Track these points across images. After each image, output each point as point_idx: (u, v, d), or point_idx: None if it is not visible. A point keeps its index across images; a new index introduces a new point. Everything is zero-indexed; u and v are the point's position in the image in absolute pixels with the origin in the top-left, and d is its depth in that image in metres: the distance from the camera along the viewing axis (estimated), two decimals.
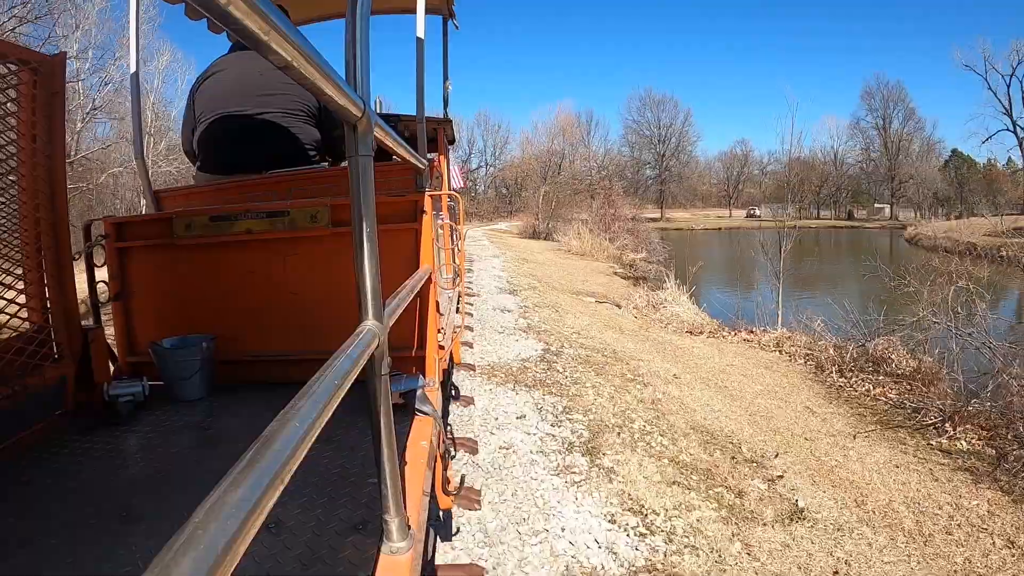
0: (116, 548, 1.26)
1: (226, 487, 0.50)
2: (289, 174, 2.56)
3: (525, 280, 11.92)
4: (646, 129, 76.40)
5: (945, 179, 65.68)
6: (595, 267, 19.70)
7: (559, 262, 19.61)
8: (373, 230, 1.10)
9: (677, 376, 5.80)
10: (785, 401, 5.75)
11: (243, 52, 2.64)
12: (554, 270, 16.47)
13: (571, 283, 13.90)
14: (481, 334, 6.64)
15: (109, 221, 2.34)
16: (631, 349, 6.77)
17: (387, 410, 1.14)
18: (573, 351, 6.01)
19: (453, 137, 3.97)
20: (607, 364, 5.65)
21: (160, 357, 2.15)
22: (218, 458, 1.64)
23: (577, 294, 11.92)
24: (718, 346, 8.16)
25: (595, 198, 44.12)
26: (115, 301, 2.32)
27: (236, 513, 0.47)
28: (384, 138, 1.33)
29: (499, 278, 11.85)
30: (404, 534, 1.19)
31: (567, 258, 21.83)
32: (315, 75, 0.80)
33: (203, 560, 0.41)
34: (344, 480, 1.51)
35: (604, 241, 25.20)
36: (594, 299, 11.40)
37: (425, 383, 1.89)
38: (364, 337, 1.01)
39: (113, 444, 1.80)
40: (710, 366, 6.84)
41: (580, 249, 24.14)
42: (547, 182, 55.01)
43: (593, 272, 18.01)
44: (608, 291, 13.33)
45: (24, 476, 1.59)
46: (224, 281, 2.33)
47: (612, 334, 7.66)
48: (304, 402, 0.70)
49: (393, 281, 1.57)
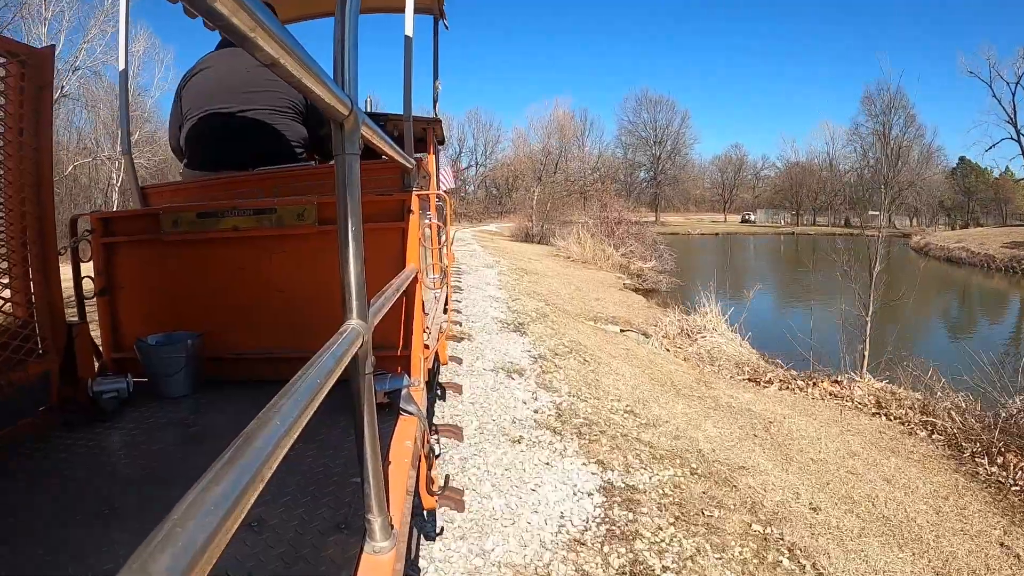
0: (99, 545, 1.25)
1: (206, 484, 0.50)
2: (276, 171, 2.55)
3: (531, 304, 9.46)
4: (642, 130, 75.03)
5: (952, 187, 64.72)
6: (602, 279, 17.64)
7: (562, 272, 17.43)
8: (359, 228, 1.10)
9: (816, 509, 3.70)
10: (972, 538, 3.75)
11: (232, 48, 2.62)
12: (559, 284, 14.11)
13: (584, 303, 11.67)
14: (478, 445, 3.58)
15: (95, 216, 2.33)
16: (716, 438, 4.67)
17: (371, 409, 1.14)
18: (648, 476, 3.43)
19: (443, 137, 3.96)
20: (712, 503, 3.28)
21: (145, 354, 2.13)
22: (203, 455, 1.63)
23: (596, 321, 9.88)
24: (805, 408, 6.21)
25: (588, 200, 43.31)
26: (100, 296, 2.31)
27: (215, 510, 0.47)
28: (371, 137, 1.32)
29: (497, 301, 9.26)
30: (387, 534, 1.19)
31: (569, 267, 19.65)
32: (302, 73, 0.80)
33: (181, 557, 0.41)
34: (327, 479, 1.50)
35: (607, 247, 23.13)
36: (617, 327, 9.55)
37: (410, 383, 1.89)
38: (348, 336, 1.01)
39: (96, 441, 1.78)
40: (826, 456, 4.81)
41: (581, 256, 22.31)
42: (541, 182, 53.39)
43: (602, 286, 15.95)
44: (629, 313, 11.41)
45: (6, 472, 1.58)
46: (210, 278, 2.32)
47: (672, 400, 5.59)
48: (286, 400, 0.70)
49: (379, 280, 1.56)
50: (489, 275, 13.22)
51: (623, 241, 24.05)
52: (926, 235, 46.81)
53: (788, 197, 74.42)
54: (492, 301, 9.31)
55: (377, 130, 1.40)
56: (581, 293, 13.31)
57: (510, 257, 19.39)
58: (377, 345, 1.38)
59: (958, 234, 43.82)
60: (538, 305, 9.56)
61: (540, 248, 27.00)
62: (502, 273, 13.81)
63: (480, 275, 13.28)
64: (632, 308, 12.42)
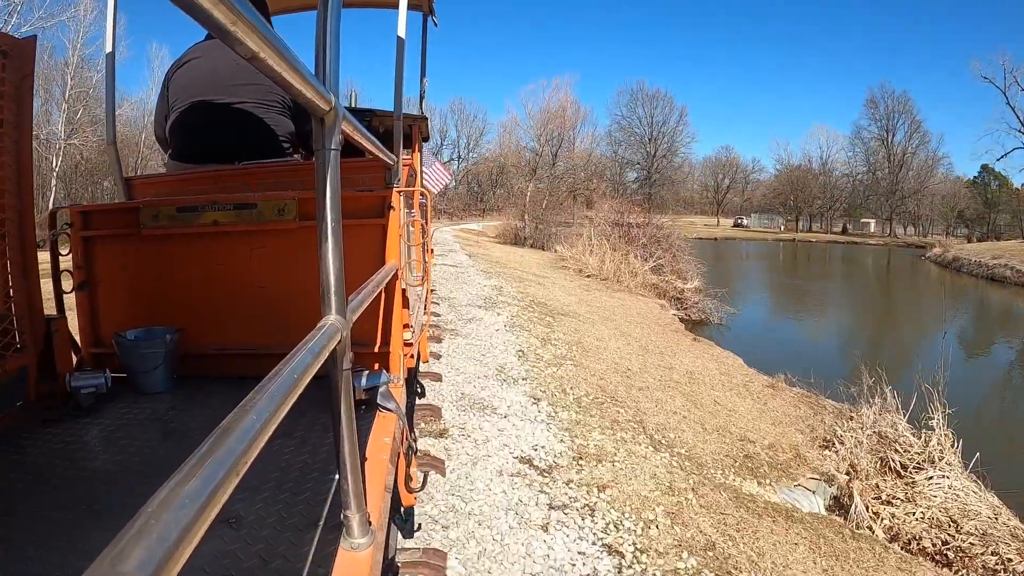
0: (75, 541, 1.25)
1: (180, 478, 0.50)
2: (261, 166, 2.54)
3: (584, 390, 5.50)
4: (636, 126, 70.16)
5: (972, 196, 61.91)
6: (647, 312, 12.65)
7: (589, 299, 12.48)
8: (338, 224, 1.10)
9: None
10: None
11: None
12: (606, 331, 8.94)
13: (702, 413, 6.07)
14: None
15: (75, 209, 2.30)
16: None
17: (348, 405, 1.14)
18: None
19: (428, 135, 3.96)
20: None
21: (124, 348, 2.11)
22: (181, 452, 1.61)
23: (766, 480, 4.87)
24: None
25: (576, 200, 41.11)
26: (79, 291, 2.28)
27: (190, 504, 0.47)
28: (353, 133, 1.32)
29: (511, 385, 5.35)
30: (365, 530, 1.19)
31: (591, 288, 14.45)
32: (282, 67, 0.80)
33: (155, 550, 0.41)
34: (306, 476, 1.50)
35: (631, 259, 17.94)
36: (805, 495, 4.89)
37: (389, 379, 1.89)
38: (326, 331, 1.01)
39: (75, 436, 1.77)
40: None
41: (600, 270, 17.28)
42: (536, 176, 46.96)
43: (658, 327, 10.86)
44: (773, 424, 6.25)
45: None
46: (190, 273, 2.31)
47: None
48: (262, 395, 0.70)
49: (359, 277, 1.56)
50: (493, 327, 7.68)
51: (650, 251, 18.92)
52: (949, 247, 42.57)
53: (784, 201, 72.69)
54: (503, 384, 5.27)
55: (359, 126, 1.40)
56: (644, 349, 8.39)
57: (512, 274, 14.45)
58: (356, 342, 1.38)
59: (988, 247, 39.13)
60: (601, 403, 5.20)
61: (538, 256, 22.71)
62: (517, 326, 7.93)
63: (475, 315, 8.21)
64: (758, 399, 7.13)
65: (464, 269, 13.47)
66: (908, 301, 23.28)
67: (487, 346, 6.72)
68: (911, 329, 16.29)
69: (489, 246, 25.04)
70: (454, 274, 13.03)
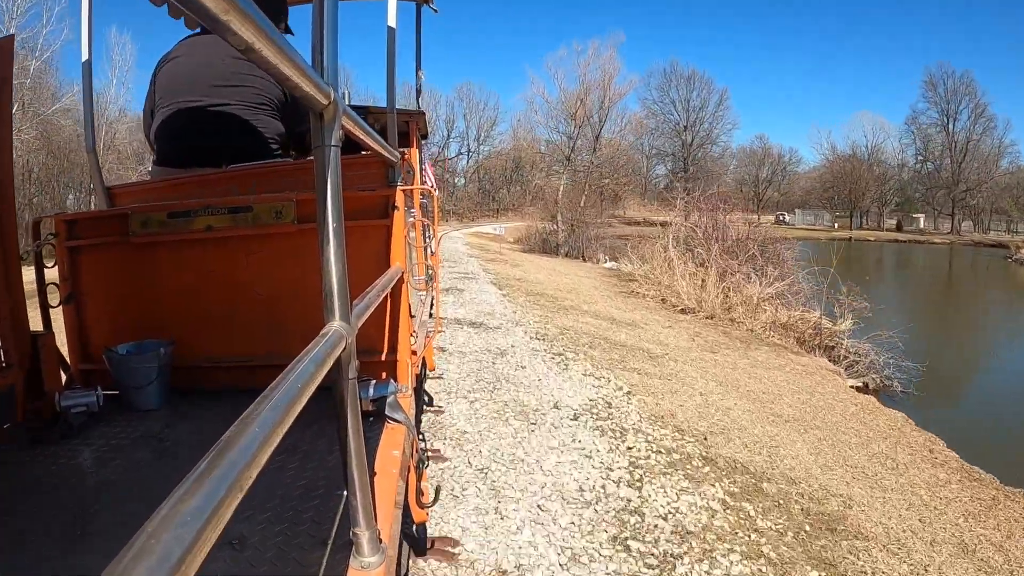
0: (70, 568, 1.19)
1: (180, 495, 0.48)
2: (253, 168, 2.46)
3: None
4: (671, 112, 59.41)
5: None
6: (821, 389, 7.31)
7: (736, 380, 6.90)
8: (340, 225, 1.05)
9: None
10: None
11: (209, 35, 2.52)
12: None
13: None
14: None
15: (59, 218, 2.22)
16: None
17: (355, 416, 1.08)
18: None
19: (426, 131, 3.89)
20: None
21: (115, 364, 2.03)
22: (178, 471, 1.55)
23: None
24: None
25: (604, 197, 33.03)
26: (66, 304, 2.20)
27: (192, 522, 0.46)
28: (353, 128, 1.27)
29: None
30: (375, 548, 1.14)
31: (709, 341, 8.97)
32: (279, 59, 0.77)
33: (156, 571, 0.40)
34: (311, 492, 1.44)
35: (743, 282, 12.18)
36: None
37: (397, 389, 1.82)
38: (330, 339, 0.96)
39: (65, 458, 1.70)
40: None
41: (697, 303, 11.74)
42: (571, 164, 34.42)
43: (861, 425, 6.16)
44: None
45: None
46: (183, 281, 2.23)
47: None
48: (265, 407, 0.68)
49: (363, 281, 1.51)
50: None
51: (762, 269, 12.80)
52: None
53: (834, 195, 63.55)
54: None
55: (359, 121, 1.35)
56: None
57: (581, 325, 8.26)
58: (361, 350, 1.32)
59: None
60: None
61: (584, 271, 16.75)
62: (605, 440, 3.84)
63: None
64: None
65: (500, 321, 7.47)
66: None
67: None
68: None
69: (514, 257, 19.80)
70: (469, 284, 7.85)
